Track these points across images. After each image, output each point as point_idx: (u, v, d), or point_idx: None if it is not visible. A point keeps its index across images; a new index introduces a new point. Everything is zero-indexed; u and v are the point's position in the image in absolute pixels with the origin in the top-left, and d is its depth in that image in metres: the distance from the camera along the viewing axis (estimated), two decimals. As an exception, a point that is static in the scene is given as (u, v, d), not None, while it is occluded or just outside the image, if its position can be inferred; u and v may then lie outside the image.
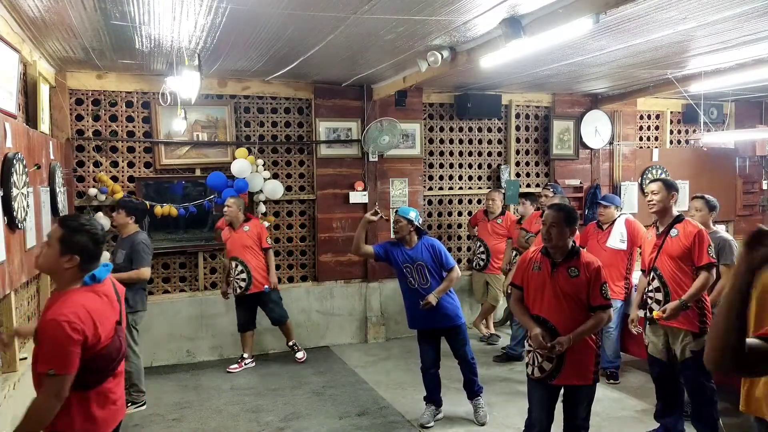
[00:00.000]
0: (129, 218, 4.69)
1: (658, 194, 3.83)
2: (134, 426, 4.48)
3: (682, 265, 3.72)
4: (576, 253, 3.20)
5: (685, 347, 3.69)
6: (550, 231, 3.15)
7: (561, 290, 3.13)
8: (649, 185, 3.99)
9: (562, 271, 3.16)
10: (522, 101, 7.27)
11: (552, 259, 3.20)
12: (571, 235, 3.20)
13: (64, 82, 5.40)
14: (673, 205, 3.86)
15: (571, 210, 3.30)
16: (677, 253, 3.73)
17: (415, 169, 6.80)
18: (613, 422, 4.36)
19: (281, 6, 3.57)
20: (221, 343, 6.12)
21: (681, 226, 3.78)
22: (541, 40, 3.85)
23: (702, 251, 3.66)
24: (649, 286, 3.90)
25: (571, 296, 3.13)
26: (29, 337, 3.39)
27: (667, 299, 3.75)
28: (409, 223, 4.30)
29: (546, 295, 3.17)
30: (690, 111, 7.71)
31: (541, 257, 3.25)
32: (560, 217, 3.16)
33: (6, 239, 3.22)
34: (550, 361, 3.15)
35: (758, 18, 4.01)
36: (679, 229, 3.77)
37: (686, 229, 3.74)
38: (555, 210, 3.21)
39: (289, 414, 4.65)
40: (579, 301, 3.13)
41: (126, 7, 3.58)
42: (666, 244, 3.79)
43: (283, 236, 6.45)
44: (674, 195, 3.85)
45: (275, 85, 6.19)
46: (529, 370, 3.28)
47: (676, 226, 3.79)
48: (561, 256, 3.18)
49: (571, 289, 3.13)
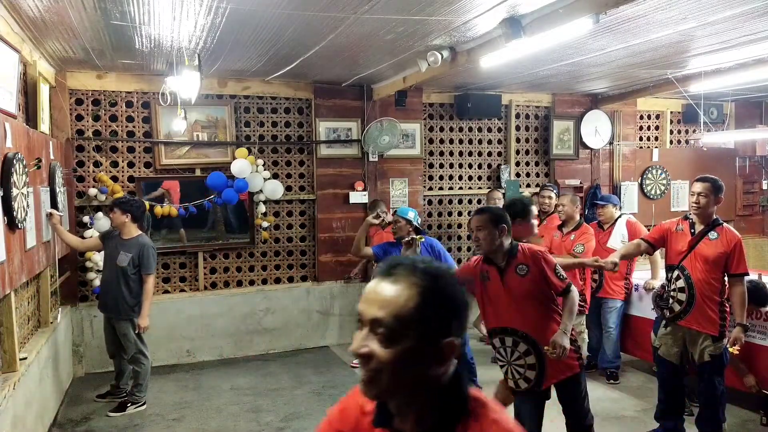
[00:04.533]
0: (125, 216, 4.63)
1: (706, 198, 3.62)
2: (134, 426, 4.48)
3: (715, 269, 3.59)
4: (515, 249, 3.05)
5: (704, 351, 3.61)
6: (478, 236, 3.03)
7: (518, 294, 3.00)
8: (694, 184, 3.72)
9: (511, 274, 3.02)
10: (522, 101, 7.27)
11: (497, 265, 3.06)
12: (502, 235, 3.02)
13: (64, 82, 5.40)
14: (716, 208, 3.68)
15: (495, 210, 3.18)
16: (713, 257, 3.58)
17: (415, 169, 6.81)
18: (613, 422, 4.35)
19: (281, 6, 3.57)
20: (221, 343, 6.12)
21: (721, 231, 3.62)
22: (541, 40, 3.85)
23: (741, 260, 3.55)
24: (671, 285, 3.76)
25: (529, 295, 3.01)
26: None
27: (691, 301, 3.64)
28: (408, 223, 4.31)
29: (505, 305, 3.03)
30: (690, 111, 7.71)
31: (485, 266, 3.10)
32: (484, 219, 3.03)
33: (6, 239, 3.23)
34: (533, 369, 3.05)
35: (758, 18, 4.01)
36: (719, 233, 3.61)
37: (727, 236, 3.60)
38: (478, 214, 3.12)
39: (289, 414, 4.65)
40: (539, 297, 3.02)
41: (126, 7, 3.58)
42: (701, 246, 3.63)
43: (283, 236, 6.45)
44: (720, 198, 3.67)
45: (275, 85, 6.19)
46: (512, 384, 3.14)
47: (716, 229, 3.64)
48: (503, 258, 3.04)
49: (526, 288, 3.00)
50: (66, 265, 5.42)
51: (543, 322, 3.03)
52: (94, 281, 5.50)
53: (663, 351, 3.83)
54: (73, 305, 5.57)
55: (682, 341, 3.73)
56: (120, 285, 4.61)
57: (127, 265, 4.60)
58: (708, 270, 3.60)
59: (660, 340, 3.85)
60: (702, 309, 3.61)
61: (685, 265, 3.69)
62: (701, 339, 3.63)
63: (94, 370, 5.61)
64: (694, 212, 3.70)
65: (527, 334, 3.01)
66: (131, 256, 4.61)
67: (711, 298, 3.60)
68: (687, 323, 3.66)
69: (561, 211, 5.07)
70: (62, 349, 5.10)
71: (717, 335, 3.58)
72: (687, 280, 3.67)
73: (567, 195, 5.29)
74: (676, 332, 3.75)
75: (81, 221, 5.51)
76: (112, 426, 4.48)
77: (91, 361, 5.64)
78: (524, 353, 3.06)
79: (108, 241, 4.76)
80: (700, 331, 3.62)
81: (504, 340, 3.09)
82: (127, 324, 4.66)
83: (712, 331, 3.59)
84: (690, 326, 3.66)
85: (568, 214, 5.00)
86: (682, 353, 3.74)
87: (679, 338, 3.74)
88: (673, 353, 3.77)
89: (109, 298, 4.68)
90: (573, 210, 5.02)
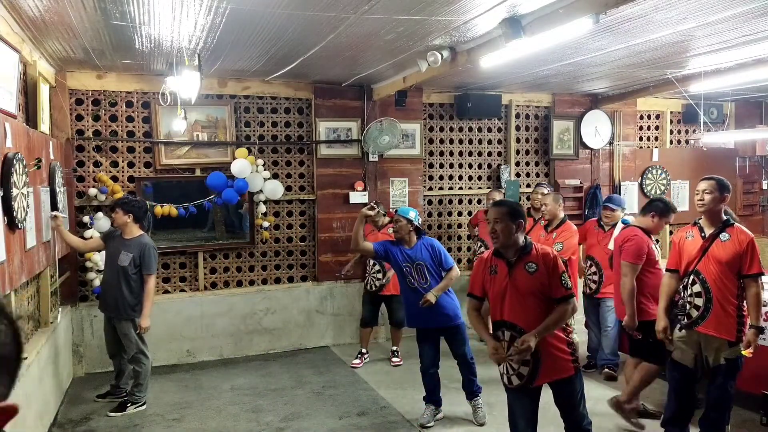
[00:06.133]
0: (127, 216, 4.65)
1: (710, 194, 3.55)
2: (134, 426, 4.48)
3: (729, 271, 3.52)
4: (529, 247, 3.07)
5: (719, 355, 3.55)
6: (495, 228, 3.05)
7: (522, 289, 3.01)
8: (700, 183, 3.65)
9: (519, 270, 3.03)
10: (522, 101, 7.27)
11: (506, 259, 3.08)
12: (518, 230, 3.06)
13: (64, 82, 5.40)
14: (723, 208, 3.62)
15: (513, 204, 3.22)
16: (726, 259, 3.49)
17: (415, 169, 6.81)
18: (613, 422, 4.35)
19: (281, 6, 3.57)
20: (221, 343, 6.12)
21: (733, 231, 3.53)
22: (541, 40, 3.85)
23: (754, 260, 3.48)
24: (686, 291, 3.68)
25: (534, 293, 3.01)
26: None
27: (708, 305, 3.56)
28: (408, 222, 4.31)
29: (508, 298, 3.04)
30: (690, 111, 7.71)
31: (495, 260, 3.13)
32: (503, 212, 3.05)
33: (6, 239, 3.23)
34: (527, 365, 3.05)
35: (758, 18, 4.01)
36: (730, 234, 3.52)
37: (739, 236, 3.52)
38: (497, 206, 3.15)
39: (289, 414, 4.65)
40: (543, 297, 3.01)
41: (126, 7, 3.58)
42: (713, 248, 3.54)
43: (283, 236, 6.45)
44: (726, 197, 3.58)
45: (275, 85, 6.19)
46: (505, 380, 3.14)
47: (727, 230, 3.55)
48: (514, 254, 3.06)
49: (532, 286, 3.01)
50: (66, 265, 5.42)
51: (537, 319, 3.01)
52: (94, 281, 5.50)
53: (678, 355, 3.73)
54: (73, 305, 5.57)
55: (698, 345, 3.65)
56: (121, 285, 4.62)
57: (128, 264, 4.61)
58: (723, 272, 3.52)
59: (675, 344, 3.76)
60: (719, 314, 3.53)
61: (699, 269, 3.60)
62: (717, 344, 3.56)
63: (94, 370, 5.61)
64: (700, 211, 3.64)
65: (525, 330, 3.00)
66: (132, 256, 4.62)
67: (728, 301, 3.52)
68: (705, 329, 3.58)
69: (545, 210, 5.16)
70: (62, 349, 5.10)
71: (734, 340, 3.52)
72: (703, 284, 3.58)
73: (550, 194, 5.36)
74: (692, 336, 3.67)
75: (81, 221, 5.51)
76: (112, 426, 4.49)
77: (91, 361, 5.64)
78: (509, 340, 3.05)
79: (110, 241, 4.77)
80: (717, 336, 3.55)
81: (503, 333, 3.10)
82: (128, 324, 4.66)
83: (729, 337, 3.52)
84: (707, 332, 3.57)
85: (552, 213, 5.14)
86: (696, 357, 3.66)
87: (694, 342, 3.66)
88: (689, 358, 3.67)
89: (110, 297, 4.69)
90: (556, 208, 5.14)
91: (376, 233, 5.67)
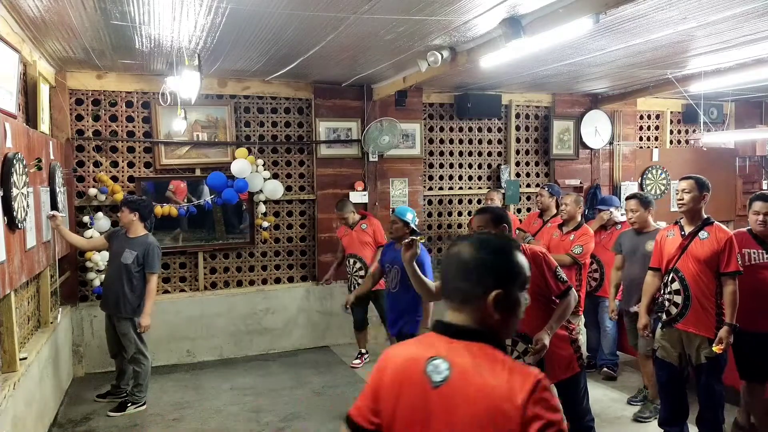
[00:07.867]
0: (132, 215, 4.68)
1: (689, 193, 3.62)
2: (134, 426, 4.49)
3: (708, 269, 3.56)
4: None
5: (701, 353, 3.58)
6: None
7: None
8: (680, 182, 3.75)
9: None
10: (522, 101, 7.27)
11: None
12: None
13: (64, 82, 5.40)
14: (703, 206, 3.67)
15: (496, 210, 3.21)
16: (705, 257, 3.54)
17: (415, 169, 6.80)
18: (613, 422, 4.36)
19: (281, 6, 3.57)
20: (221, 343, 6.12)
21: (711, 230, 3.59)
22: (541, 40, 3.85)
23: (732, 257, 3.51)
24: (666, 288, 3.73)
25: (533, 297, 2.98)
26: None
27: (687, 303, 3.60)
28: (405, 225, 4.26)
29: None
30: (690, 111, 7.71)
31: None
32: (486, 219, 3.06)
33: (6, 239, 3.23)
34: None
35: (758, 18, 4.01)
36: (709, 232, 3.57)
37: (718, 234, 3.56)
38: (480, 213, 3.15)
39: (289, 414, 4.65)
40: (538, 298, 2.99)
41: (126, 7, 3.58)
42: (692, 246, 3.60)
43: (283, 236, 6.45)
44: (706, 195, 3.65)
45: (275, 85, 6.19)
46: None
47: (705, 228, 3.60)
48: None
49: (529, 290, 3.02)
50: (66, 265, 5.42)
51: (542, 322, 3.01)
52: (94, 281, 5.50)
53: (662, 353, 3.77)
54: (73, 305, 5.57)
55: (680, 343, 3.70)
56: (122, 282, 4.63)
57: (132, 262, 4.62)
58: (701, 270, 3.57)
59: (658, 342, 3.81)
60: (698, 311, 3.58)
61: (678, 267, 3.66)
62: (698, 341, 3.60)
63: (94, 370, 5.61)
64: (680, 209, 3.72)
65: (526, 333, 3.00)
66: (136, 254, 4.64)
67: (707, 298, 3.57)
68: (684, 326, 3.63)
69: (564, 210, 5.11)
70: (62, 349, 5.10)
71: (713, 337, 3.53)
72: (682, 282, 3.64)
73: (571, 195, 5.34)
74: (673, 334, 3.71)
75: (81, 221, 5.51)
76: (112, 426, 4.49)
77: (91, 361, 5.64)
78: (522, 353, 3.06)
79: (114, 240, 4.80)
80: (697, 333, 3.59)
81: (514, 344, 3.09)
82: (128, 323, 4.67)
83: (708, 334, 3.55)
84: (687, 329, 3.62)
85: (570, 214, 5.07)
86: (681, 354, 3.70)
87: (676, 340, 3.71)
88: (673, 355, 3.72)
89: (111, 295, 4.69)
90: (575, 210, 5.07)
91: (351, 233, 5.69)
